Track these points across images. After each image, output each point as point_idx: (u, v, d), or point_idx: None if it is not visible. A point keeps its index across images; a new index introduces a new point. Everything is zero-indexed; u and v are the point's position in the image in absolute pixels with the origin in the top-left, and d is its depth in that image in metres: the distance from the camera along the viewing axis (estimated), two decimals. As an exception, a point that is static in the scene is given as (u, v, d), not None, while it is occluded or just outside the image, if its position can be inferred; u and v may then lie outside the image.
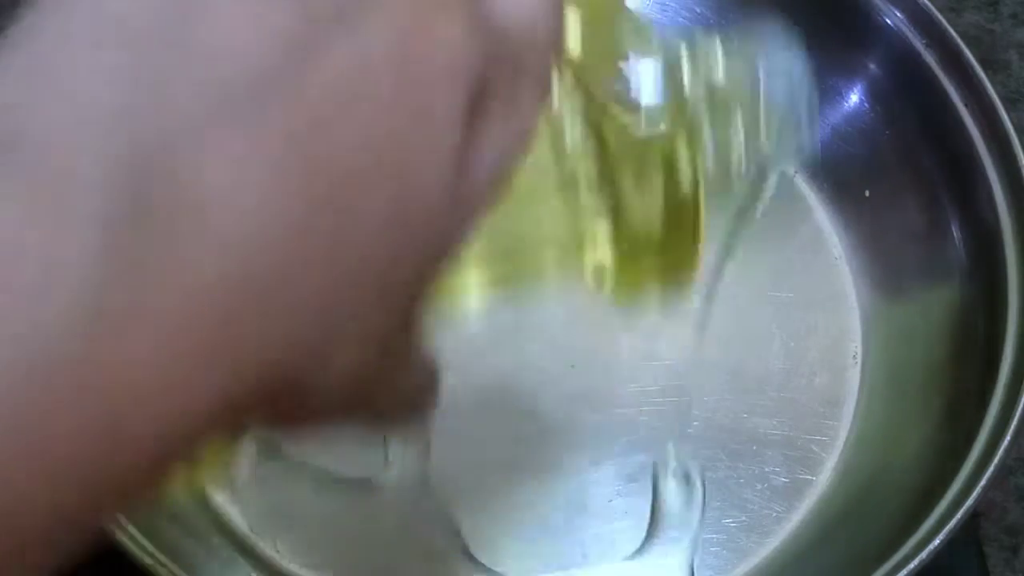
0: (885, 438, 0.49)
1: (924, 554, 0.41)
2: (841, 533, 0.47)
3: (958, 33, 0.52)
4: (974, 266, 0.50)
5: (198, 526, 0.45)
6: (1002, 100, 0.50)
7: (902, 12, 0.53)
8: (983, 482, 0.43)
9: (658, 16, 0.59)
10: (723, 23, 0.58)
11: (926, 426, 0.48)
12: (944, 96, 0.52)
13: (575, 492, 0.48)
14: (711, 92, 0.28)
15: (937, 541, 0.42)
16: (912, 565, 0.41)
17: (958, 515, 0.42)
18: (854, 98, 0.56)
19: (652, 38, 0.28)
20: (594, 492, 0.48)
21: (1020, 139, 0.50)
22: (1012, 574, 0.52)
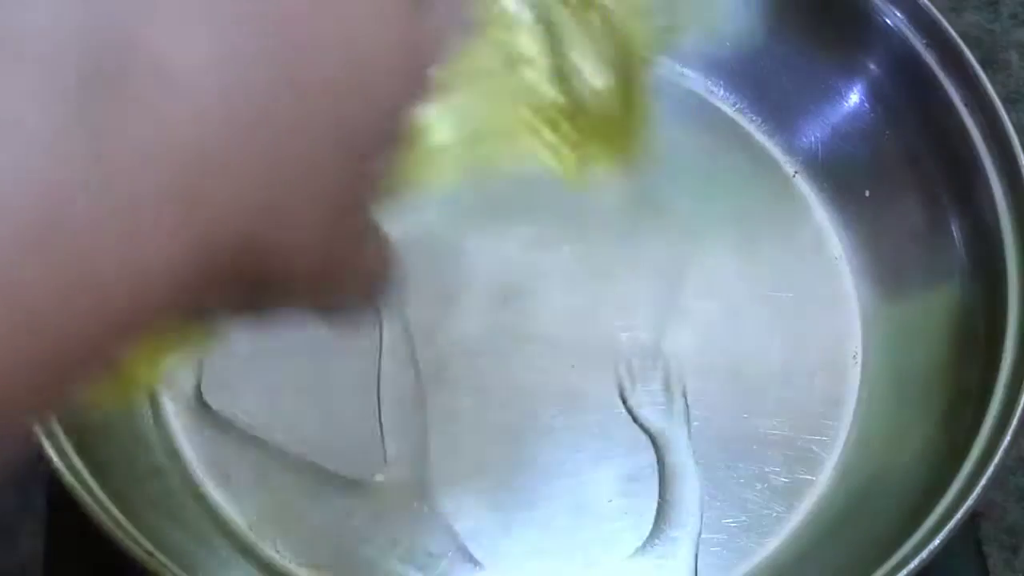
0: (885, 438, 0.49)
1: (924, 554, 0.41)
2: (841, 533, 0.47)
3: (958, 33, 0.52)
4: (974, 266, 0.50)
5: (198, 526, 0.45)
6: (1002, 100, 0.51)
7: (902, 12, 0.53)
8: (983, 482, 0.43)
9: (658, 16, 0.59)
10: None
11: (926, 426, 0.48)
12: (944, 96, 0.52)
13: (575, 492, 0.48)
14: None
15: (937, 541, 0.42)
16: (912, 565, 0.41)
17: (958, 515, 0.42)
18: (854, 98, 0.56)
19: None
20: (594, 492, 0.48)
21: (1020, 139, 0.50)
22: (1012, 574, 0.52)
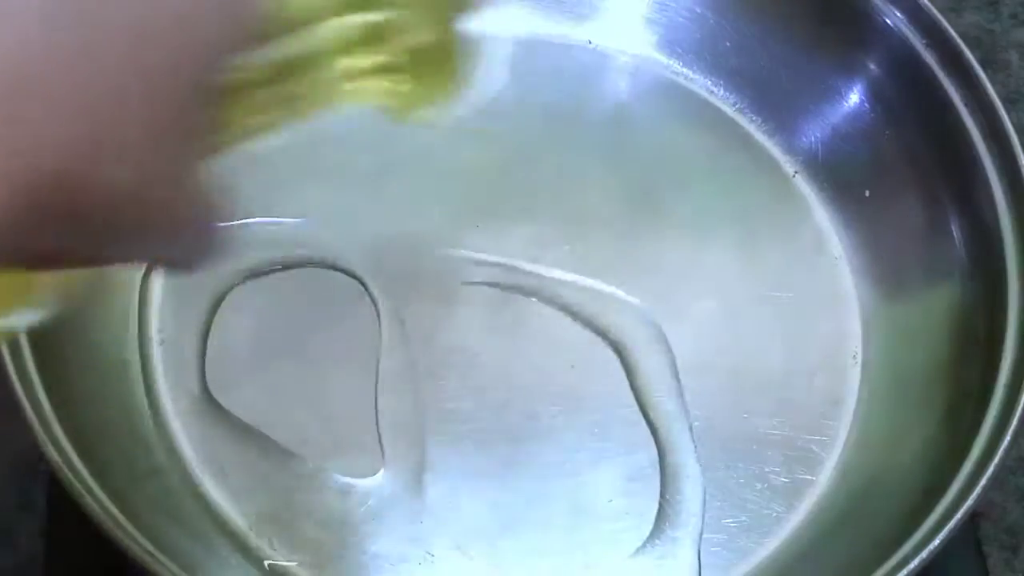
0: (885, 438, 0.49)
1: (924, 554, 0.41)
2: (841, 533, 0.47)
3: (958, 33, 0.52)
4: (974, 266, 0.50)
5: (198, 526, 0.45)
6: (1002, 100, 0.50)
7: (902, 12, 0.53)
8: (983, 482, 0.43)
9: (658, 16, 0.59)
10: (723, 23, 0.58)
11: (926, 426, 0.48)
12: (944, 96, 0.52)
13: (575, 492, 0.48)
14: None
15: (937, 541, 0.42)
16: (912, 565, 0.41)
17: (958, 515, 0.42)
18: (854, 98, 0.56)
19: None
20: (594, 492, 0.48)
21: (1020, 139, 0.50)
22: (1012, 574, 0.52)
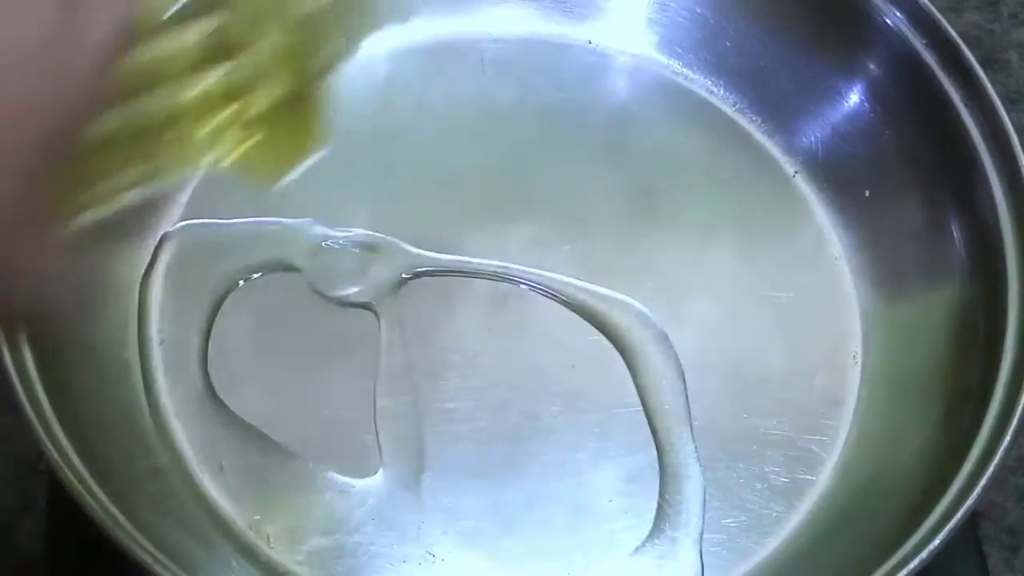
0: (885, 438, 0.49)
1: (924, 554, 0.41)
2: (841, 533, 0.47)
3: (958, 33, 0.52)
4: (974, 266, 0.50)
5: (198, 526, 0.45)
6: (1002, 100, 0.50)
7: (902, 12, 0.53)
8: (983, 482, 0.43)
9: (658, 16, 0.59)
10: (723, 23, 0.58)
11: (926, 426, 0.48)
12: (944, 96, 0.52)
13: (575, 492, 0.48)
14: None
15: (937, 541, 0.42)
16: (912, 565, 0.41)
17: (958, 515, 0.42)
18: (854, 98, 0.56)
19: None
20: (594, 492, 0.48)
21: (1020, 139, 0.50)
22: (1012, 574, 0.52)
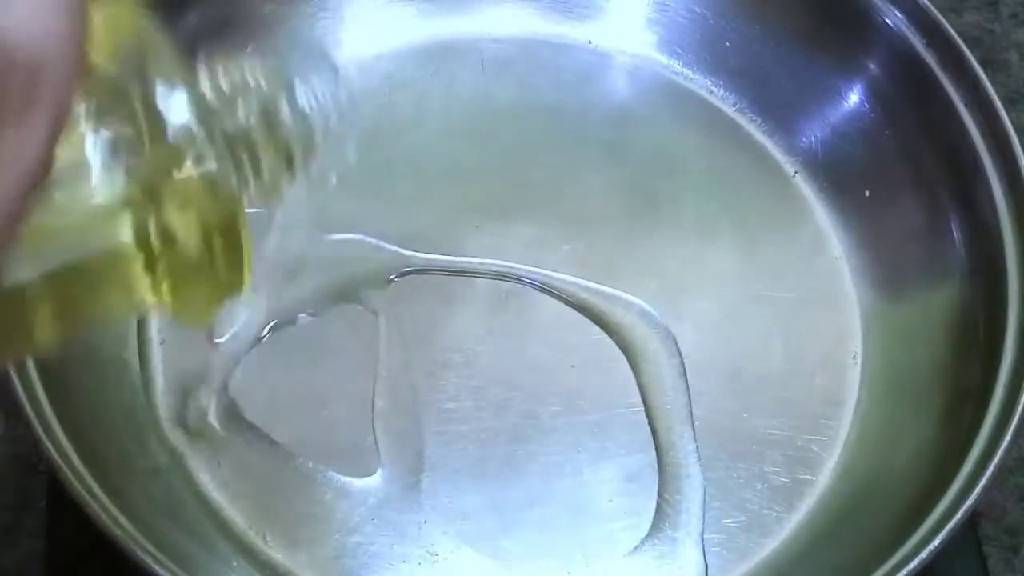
0: (885, 438, 0.49)
1: (924, 554, 0.41)
2: (841, 533, 0.47)
3: (958, 33, 0.52)
4: (974, 266, 0.50)
5: (198, 526, 0.45)
6: (1002, 100, 0.50)
7: (902, 12, 0.53)
8: (983, 482, 0.43)
9: (658, 16, 0.59)
10: (723, 23, 0.58)
11: (926, 426, 0.48)
12: (944, 96, 0.52)
13: (575, 492, 0.48)
14: (240, 117, 0.29)
15: (937, 541, 0.42)
16: (912, 565, 0.41)
17: (958, 515, 0.42)
18: (854, 98, 0.56)
19: (178, 65, 0.28)
20: (594, 492, 0.48)
21: (1020, 139, 0.50)
22: (1012, 574, 0.52)
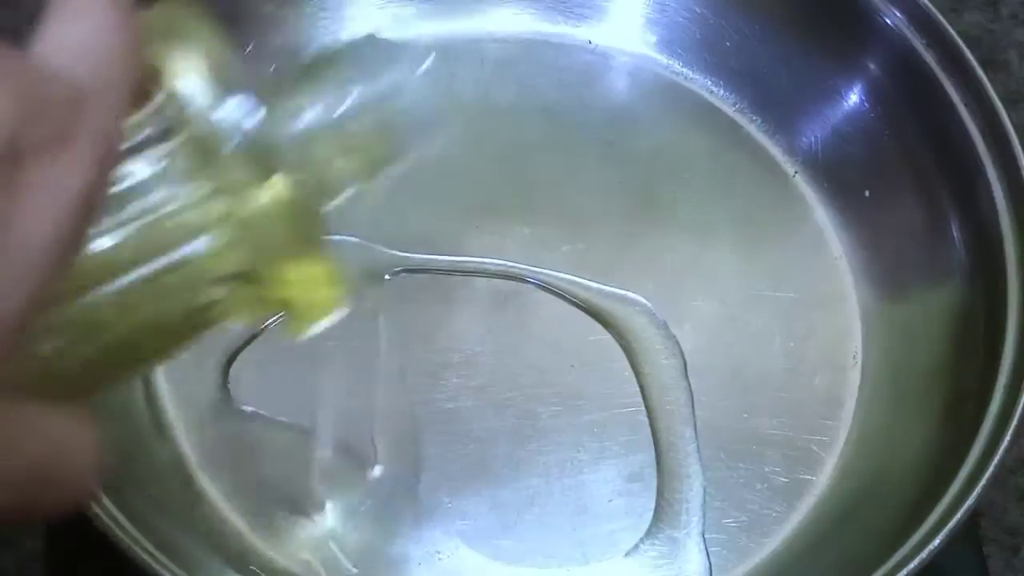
0: (885, 438, 0.49)
1: (924, 554, 0.41)
2: (841, 533, 0.47)
3: (958, 33, 0.52)
4: (974, 266, 0.50)
5: (198, 527, 0.45)
6: (1002, 100, 0.50)
7: (902, 12, 0.53)
8: (983, 482, 0.43)
9: (658, 16, 0.59)
10: (723, 23, 0.58)
11: (926, 426, 0.48)
12: (944, 96, 0.52)
13: (575, 492, 0.48)
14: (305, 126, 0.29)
15: (937, 541, 0.42)
16: (912, 565, 0.41)
17: (958, 515, 0.42)
18: (854, 98, 0.56)
19: (239, 75, 0.28)
20: (594, 492, 0.48)
21: (1020, 139, 0.50)
22: (1012, 574, 0.52)
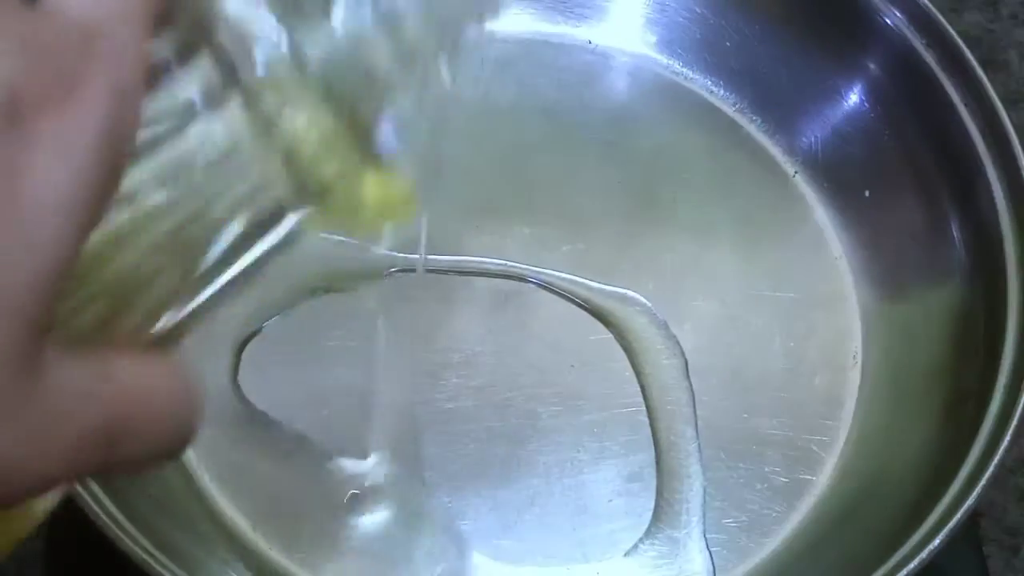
0: (885, 438, 0.49)
1: (924, 554, 0.41)
2: (841, 533, 0.47)
3: (958, 33, 0.52)
4: (974, 266, 0.50)
5: (198, 526, 0.45)
6: (1002, 100, 0.50)
7: (902, 12, 0.53)
8: (983, 482, 0.43)
9: (658, 16, 0.59)
10: (723, 23, 0.58)
11: (926, 426, 0.48)
12: (944, 96, 0.52)
13: (575, 492, 0.48)
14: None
15: (937, 541, 0.42)
16: (912, 565, 0.41)
17: (958, 515, 0.42)
18: (854, 98, 0.56)
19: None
20: (594, 492, 0.48)
21: (1020, 139, 0.50)
22: (1012, 574, 0.52)
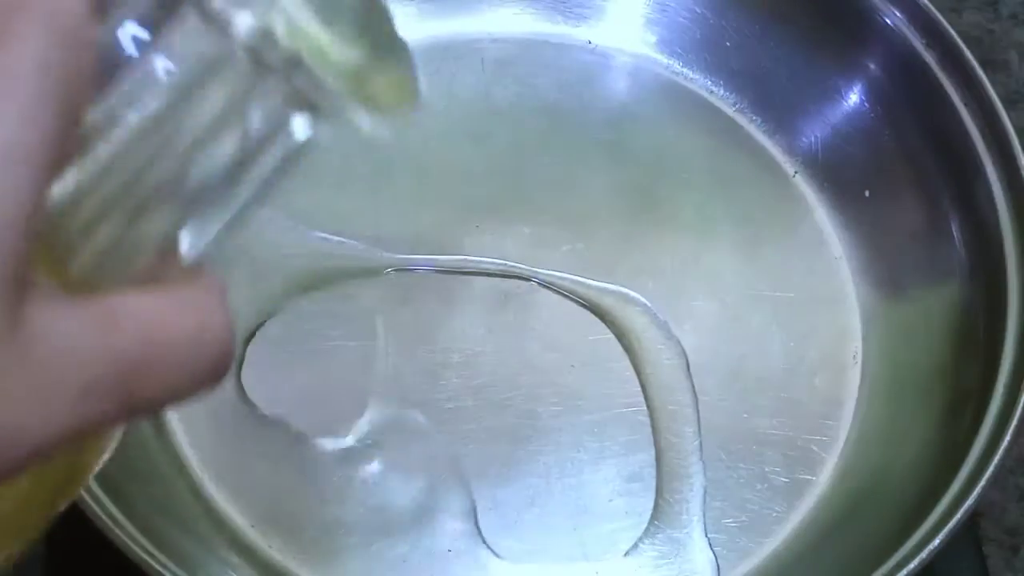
0: (885, 438, 0.49)
1: (924, 554, 0.41)
2: (841, 533, 0.47)
3: (958, 33, 0.52)
4: (974, 266, 0.50)
5: (198, 526, 0.45)
6: (1002, 100, 0.50)
7: (902, 12, 0.53)
8: (983, 482, 0.43)
9: (658, 16, 0.59)
10: (723, 23, 0.58)
11: (926, 426, 0.48)
12: (944, 96, 0.52)
13: (575, 492, 0.48)
14: None
15: (937, 541, 0.42)
16: (912, 565, 0.41)
17: (958, 515, 0.42)
18: (854, 98, 0.56)
19: None
20: (594, 492, 0.48)
21: (1020, 139, 0.50)
22: (1012, 574, 0.52)
